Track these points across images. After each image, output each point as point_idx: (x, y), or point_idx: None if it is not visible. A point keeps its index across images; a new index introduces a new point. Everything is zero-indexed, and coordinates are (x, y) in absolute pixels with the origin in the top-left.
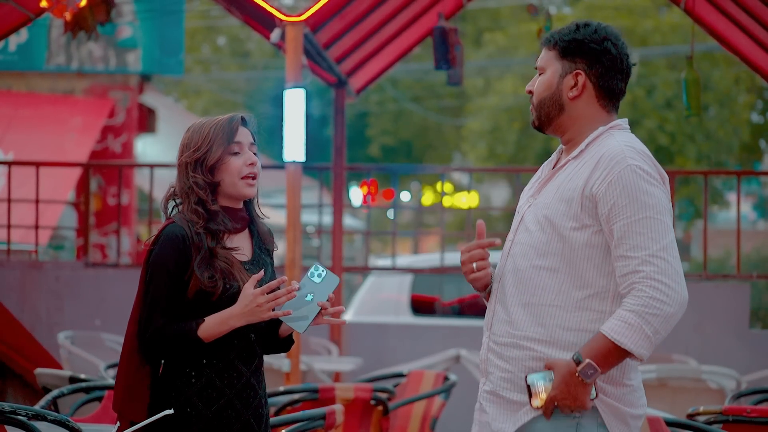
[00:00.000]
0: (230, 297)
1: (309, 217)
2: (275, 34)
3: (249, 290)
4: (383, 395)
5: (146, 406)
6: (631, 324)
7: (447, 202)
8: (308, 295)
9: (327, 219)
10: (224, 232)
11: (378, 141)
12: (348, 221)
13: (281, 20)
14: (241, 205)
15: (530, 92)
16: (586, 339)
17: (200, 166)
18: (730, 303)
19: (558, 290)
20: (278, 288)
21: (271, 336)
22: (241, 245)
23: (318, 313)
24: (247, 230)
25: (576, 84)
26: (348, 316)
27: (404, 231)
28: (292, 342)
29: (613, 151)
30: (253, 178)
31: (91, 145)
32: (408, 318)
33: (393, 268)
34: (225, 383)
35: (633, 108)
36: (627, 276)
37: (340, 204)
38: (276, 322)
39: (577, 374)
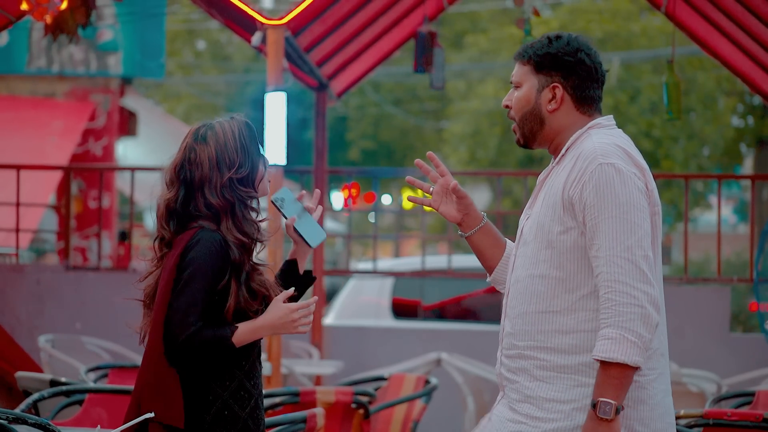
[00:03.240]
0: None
1: None
2: (256, 38)
3: (281, 304)
4: (364, 399)
5: (182, 410)
6: (613, 338)
7: None
8: (301, 217)
9: None
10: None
11: (359, 144)
12: (329, 225)
13: (262, 23)
14: None
15: (507, 107)
16: (583, 340)
17: (248, 181)
18: (711, 306)
19: (552, 296)
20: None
21: (293, 276)
22: None
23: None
24: None
25: (554, 97)
26: (329, 320)
27: (385, 234)
28: (314, 278)
29: (587, 152)
30: None
31: (72, 148)
32: (389, 321)
33: (374, 272)
34: (252, 384)
35: (616, 113)
36: (598, 277)
37: (321, 207)
38: (293, 263)
39: (598, 416)
